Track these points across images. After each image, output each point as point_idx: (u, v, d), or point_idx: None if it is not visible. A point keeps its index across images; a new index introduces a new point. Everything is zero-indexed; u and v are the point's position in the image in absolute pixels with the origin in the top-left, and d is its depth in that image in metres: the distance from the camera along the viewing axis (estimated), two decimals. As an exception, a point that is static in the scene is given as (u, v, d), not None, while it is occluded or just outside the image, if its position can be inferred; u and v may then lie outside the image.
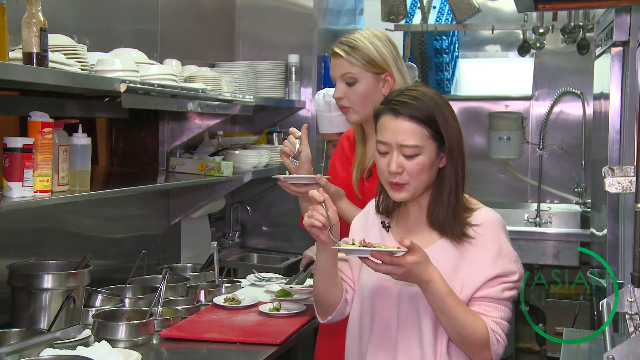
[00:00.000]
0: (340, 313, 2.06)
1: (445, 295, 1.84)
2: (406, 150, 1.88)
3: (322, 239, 1.90)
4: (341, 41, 2.41)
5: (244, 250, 4.32)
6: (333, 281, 2.01)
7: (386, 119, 1.92)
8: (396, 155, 1.89)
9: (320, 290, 2.04)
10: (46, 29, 2.11)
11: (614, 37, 2.91)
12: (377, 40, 2.40)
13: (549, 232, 4.78)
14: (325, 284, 2.01)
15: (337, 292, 2.03)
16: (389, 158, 1.90)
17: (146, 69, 2.77)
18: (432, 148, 1.90)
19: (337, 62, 2.41)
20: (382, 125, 1.93)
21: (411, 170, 1.89)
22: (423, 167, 1.89)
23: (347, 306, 2.06)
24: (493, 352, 1.89)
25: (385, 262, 1.77)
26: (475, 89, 5.56)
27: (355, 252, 1.82)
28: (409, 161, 1.89)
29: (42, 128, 2.24)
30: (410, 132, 1.88)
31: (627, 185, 1.90)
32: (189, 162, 3.44)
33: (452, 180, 1.93)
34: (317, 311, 2.12)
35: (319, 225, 1.87)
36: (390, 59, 2.40)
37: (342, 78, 2.40)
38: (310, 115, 4.26)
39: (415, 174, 1.89)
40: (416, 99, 1.90)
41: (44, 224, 2.76)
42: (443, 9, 5.22)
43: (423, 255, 1.81)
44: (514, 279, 1.92)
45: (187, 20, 3.76)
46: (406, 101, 1.90)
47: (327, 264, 1.97)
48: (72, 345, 2.29)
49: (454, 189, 1.93)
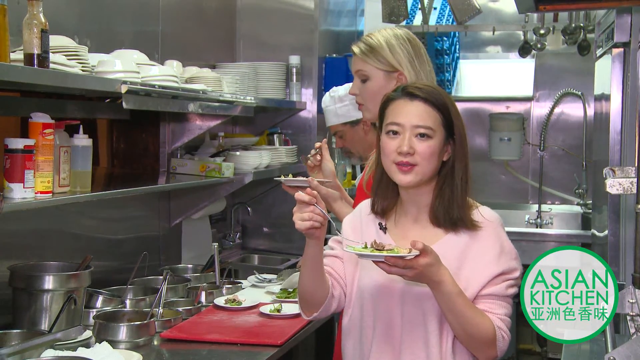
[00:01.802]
0: (326, 309, 2.03)
1: (455, 295, 1.84)
2: (420, 130, 1.91)
3: (317, 235, 1.88)
4: (361, 39, 2.48)
5: (245, 252, 4.32)
6: (320, 276, 1.99)
7: (400, 102, 1.95)
8: (409, 136, 1.91)
9: (308, 285, 2.00)
10: (47, 30, 2.11)
11: (615, 38, 2.91)
12: (394, 39, 2.42)
13: (550, 233, 4.77)
14: (313, 277, 1.98)
15: (324, 287, 2.00)
16: (400, 139, 1.91)
17: (147, 70, 2.77)
18: (441, 136, 1.93)
19: (353, 59, 2.48)
20: (396, 109, 1.95)
21: (422, 151, 1.90)
22: (433, 151, 1.91)
23: (334, 302, 2.04)
24: (498, 349, 1.91)
25: (399, 265, 1.77)
26: (476, 90, 5.55)
27: (369, 257, 1.81)
28: (421, 143, 1.91)
29: (43, 129, 2.24)
30: (426, 113, 1.92)
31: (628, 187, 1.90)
32: (189, 163, 3.44)
33: (463, 172, 1.95)
34: (302, 307, 2.07)
35: (319, 226, 1.86)
36: (404, 59, 2.42)
37: (357, 74, 2.46)
38: (311, 116, 4.27)
39: (427, 157, 1.90)
40: (430, 86, 1.98)
41: (45, 225, 2.76)
42: (444, 10, 5.22)
43: (435, 256, 1.81)
44: (515, 276, 1.95)
45: (188, 21, 3.76)
46: (421, 87, 1.96)
47: (315, 253, 1.94)
48: (73, 347, 2.30)
49: (465, 180, 1.95)
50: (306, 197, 1.86)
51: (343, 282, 2.06)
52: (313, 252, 1.94)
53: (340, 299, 2.05)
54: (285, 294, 3.10)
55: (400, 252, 1.78)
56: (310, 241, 1.91)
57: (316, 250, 1.93)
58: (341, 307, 2.07)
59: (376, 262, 1.81)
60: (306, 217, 1.86)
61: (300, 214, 1.87)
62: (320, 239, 1.91)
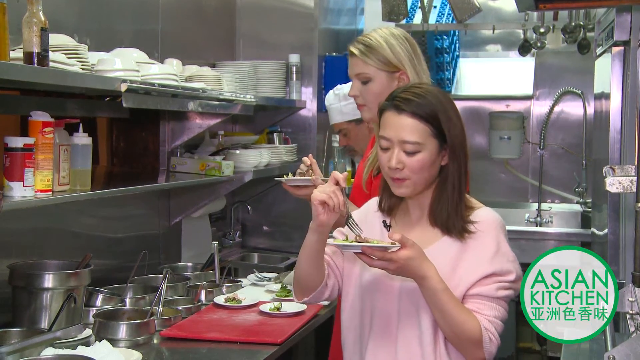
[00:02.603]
0: (317, 296, 2.04)
1: (440, 291, 1.84)
2: (407, 147, 1.89)
3: (321, 219, 1.87)
4: (358, 40, 2.44)
5: (245, 250, 4.32)
6: (317, 263, 1.99)
7: (389, 114, 1.93)
8: (397, 152, 1.90)
9: (303, 269, 2.01)
10: (47, 29, 2.11)
11: (615, 37, 2.91)
12: (393, 39, 2.41)
13: (550, 232, 4.78)
14: (310, 265, 1.99)
15: (319, 275, 2.01)
16: (390, 154, 1.92)
17: (147, 69, 2.77)
18: (433, 145, 1.91)
19: (352, 61, 2.43)
20: (385, 121, 1.94)
21: (411, 166, 1.90)
22: (423, 164, 1.90)
23: (326, 291, 2.04)
24: (486, 351, 1.89)
25: (378, 257, 1.78)
26: (475, 89, 5.55)
27: (348, 248, 1.83)
28: (410, 158, 1.90)
29: (42, 128, 2.24)
30: (412, 128, 1.89)
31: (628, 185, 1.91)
32: (189, 161, 3.44)
33: (455, 178, 1.94)
34: (295, 290, 2.09)
35: (331, 204, 1.84)
36: (405, 58, 2.41)
37: (357, 77, 2.43)
38: (311, 115, 4.26)
39: (416, 171, 1.90)
40: (419, 96, 1.91)
41: (45, 223, 2.76)
42: (444, 8, 5.22)
43: (417, 250, 1.81)
44: (510, 279, 1.93)
45: (187, 20, 3.76)
46: (409, 98, 1.91)
47: (316, 246, 1.94)
48: (73, 345, 2.30)
49: (457, 186, 1.94)
50: (341, 176, 1.87)
51: (339, 275, 2.07)
52: (314, 244, 1.94)
53: (333, 290, 2.06)
54: (285, 292, 3.10)
55: (382, 244, 1.78)
56: (314, 227, 1.90)
57: (318, 243, 1.93)
58: (333, 297, 2.09)
59: (358, 255, 1.81)
60: (327, 190, 1.86)
61: (323, 187, 1.87)
62: (324, 227, 1.89)
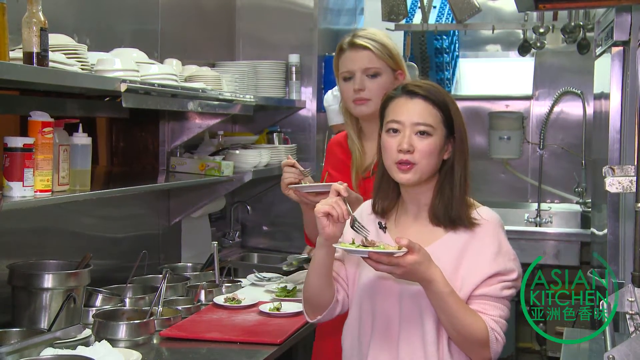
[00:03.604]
0: (330, 313, 2.05)
1: (447, 295, 1.84)
2: (420, 128, 1.91)
3: (327, 231, 1.87)
4: (360, 35, 2.42)
5: (244, 250, 4.32)
6: (327, 280, 1.99)
7: (400, 100, 1.95)
8: (409, 133, 1.91)
9: (313, 288, 2.01)
10: (46, 29, 2.11)
11: (615, 37, 2.91)
12: (390, 39, 2.45)
13: (550, 232, 4.77)
14: (321, 282, 1.99)
15: (330, 291, 2.01)
16: (400, 137, 1.92)
17: (146, 69, 2.77)
18: (441, 134, 1.93)
19: (359, 54, 2.40)
20: (395, 107, 1.96)
21: (422, 149, 1.90)
22: (433, 148, 1.91)
23: (338, 306, 2.04)
24: (492, 351, 1.89)
25: (384, 262, 1.77)
26: (475, 89, 5.55)
27: (355, 252, 1.82)
28: (421, 141, 1.91)
29: (42, 128, 2.24)
30: (426, 111, 1.92)
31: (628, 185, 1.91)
32: (189, 161, 3.43)
33: (461, 169, 1.95)
34: (306, 310, 2.08)
35: (335, 214, 1.85)
36: (401, 58, 2.46)
37: (365, 71, 2.40)
38: (311, 115, 4.26)
39: (425, 155, 1.91)
40: (430, 85, 1.98)
41: (44, 223, 2.76)
42: (443, 8, 5.22)
43: (424, 254, 1.81)
44: (512, 278, 1.93)
45: (187, 20, 3.76)
46: (421, 85, 1.96)
47: (325, 261, 1.95)
48: (73, 345, 2.30)
49: (464, 178, 1.95)
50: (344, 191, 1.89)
51: (346, 286, 2.06)
52: (324, 259, 1.94)
53: (343, 303, 2.06)
54: (285, 292, 3.10)
55: (388, 249, 1.78)
56: (321, 241, 1.91)
57: (328, 257, 1.94)
58: (344, 310, 2.08)
59: (365, 259, 1.81)
60: (330, 202, 1.86)
61: (325, 200, 1.88)
62: (329, 238, 1.88)
